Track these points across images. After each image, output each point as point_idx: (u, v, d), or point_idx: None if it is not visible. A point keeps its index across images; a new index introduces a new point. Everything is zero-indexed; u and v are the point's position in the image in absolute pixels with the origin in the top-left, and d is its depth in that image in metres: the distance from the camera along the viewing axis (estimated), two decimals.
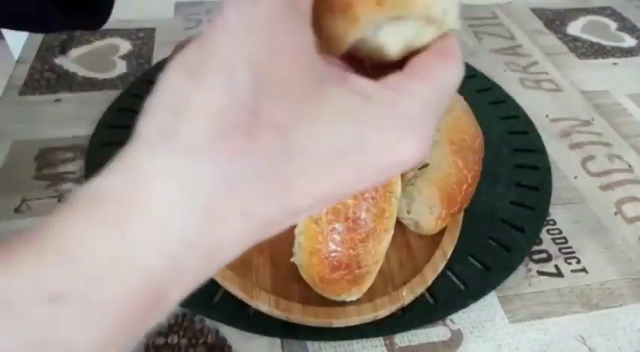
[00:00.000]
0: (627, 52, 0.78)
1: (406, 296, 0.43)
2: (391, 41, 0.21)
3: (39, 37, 0.73)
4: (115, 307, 0.16)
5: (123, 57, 0.71)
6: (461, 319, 0.44)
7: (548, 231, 0.52)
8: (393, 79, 0.20)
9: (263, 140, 0.17)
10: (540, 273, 0.48)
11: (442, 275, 0.45)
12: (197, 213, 0.17)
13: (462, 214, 0.49)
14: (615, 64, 0.76)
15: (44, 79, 0.66)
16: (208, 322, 0.42)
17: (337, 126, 0.18)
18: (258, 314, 0.42)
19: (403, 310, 0.43)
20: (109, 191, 0.17)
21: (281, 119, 0.17)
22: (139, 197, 0.17)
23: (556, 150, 0.61)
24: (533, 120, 0.64)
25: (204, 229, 0.17)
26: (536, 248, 0.50)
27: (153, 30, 0.76)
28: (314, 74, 0.18)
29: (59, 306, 0.15)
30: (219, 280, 0.43)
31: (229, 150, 0.17)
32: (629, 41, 0.81)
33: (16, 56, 0.71)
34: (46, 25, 0.40)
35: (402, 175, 0.45)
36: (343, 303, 0.42)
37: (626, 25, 0.84)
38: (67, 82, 0.66)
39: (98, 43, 0.73)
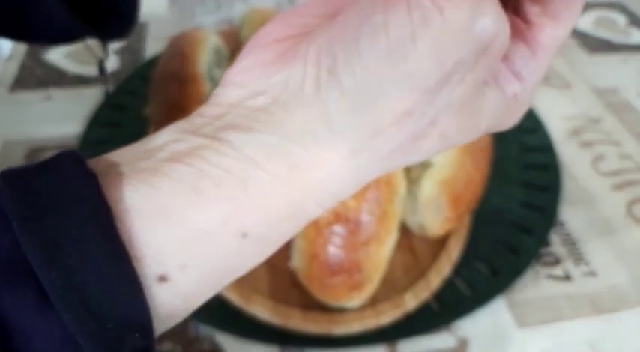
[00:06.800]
0: (637, 49, 0.76)
1: (410, 301, 0.42)
2: None
3: None
4: (280, 240, 0.21)
5: (115, 53, 0.69)
6: (467, 325, 0.42)
7: (556, 232, 0.50)
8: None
9: (428, 141, 0.22)
10: (548, 277, 0.46)
11: (448, 280, 0.44)
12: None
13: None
14: (625, 60, 0.74)
15: (35, 76, 0.65)
16: (203, 328, 0.41)
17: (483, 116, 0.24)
18: (256, 320, 0.41)
19: (407, 316, 0.42)
20: (283, 139, 0.20)
21: (446, 125, 0.22)
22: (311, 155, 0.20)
23: (565, 149, 0.59)
24: (542, 118, 0.62)
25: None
26: (544, 250, 0.48)
27: (146, 25, 0.74)
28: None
29: (246, 241, 0.20)
30: None
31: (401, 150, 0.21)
32: (639, 37, 0.79)
33: (6, 53, 0.70)
34: (70, 36, 0.41)
35: (407, 175, 0.43)
36: (344, 310, 0.41)
37: (636, 21, 0.83)
38: (58, 78, 0.65)
39: (90, 39, 0.71)
